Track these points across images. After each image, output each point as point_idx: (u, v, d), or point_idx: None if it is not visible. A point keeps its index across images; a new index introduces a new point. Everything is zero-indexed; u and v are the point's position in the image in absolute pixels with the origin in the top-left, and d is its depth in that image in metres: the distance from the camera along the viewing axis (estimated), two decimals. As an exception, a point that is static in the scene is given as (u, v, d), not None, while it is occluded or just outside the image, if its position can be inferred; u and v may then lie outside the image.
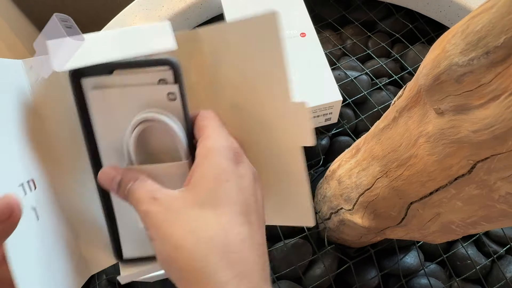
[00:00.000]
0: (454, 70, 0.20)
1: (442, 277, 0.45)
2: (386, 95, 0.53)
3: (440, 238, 0.30)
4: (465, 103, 0.20)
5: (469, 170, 0.22)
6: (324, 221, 0.44)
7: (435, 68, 0.21)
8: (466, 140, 0.20)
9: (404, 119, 0.27)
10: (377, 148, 0.31)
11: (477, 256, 0.45)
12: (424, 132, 0.24)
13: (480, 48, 0.18)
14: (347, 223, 0.39)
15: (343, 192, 0.38)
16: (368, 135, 0.34)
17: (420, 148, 0.25)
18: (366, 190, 0.33)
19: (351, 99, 0.52)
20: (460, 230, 0.27)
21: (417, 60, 0.56)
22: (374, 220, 0.34)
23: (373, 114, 0.52)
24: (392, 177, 0.29)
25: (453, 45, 0.20)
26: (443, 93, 0.21)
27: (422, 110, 0.25)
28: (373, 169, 0.32)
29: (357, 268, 0.44)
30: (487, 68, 0.18)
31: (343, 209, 0.38)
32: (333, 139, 0.51)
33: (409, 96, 0.26)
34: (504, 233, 0.46)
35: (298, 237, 0.44)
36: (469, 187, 0.23)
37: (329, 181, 0.41)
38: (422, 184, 0.26)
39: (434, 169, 0.24)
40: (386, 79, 0.55)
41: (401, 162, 0.27)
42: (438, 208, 0.27)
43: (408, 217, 0.30)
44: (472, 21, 0.18)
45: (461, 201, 0.24)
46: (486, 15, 0.17)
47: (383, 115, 0.31)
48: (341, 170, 0.38)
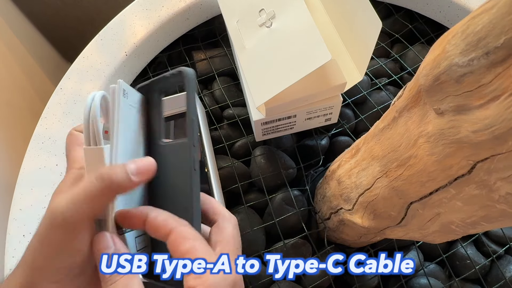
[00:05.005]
0: (454, 70, 0.20)
1: (442, 277, 0.45)
2: (385, 95, 0.53)
3: (440, 238, 0.30)
4: (465, 104, 0.20)
5: (469, 170, 0.22)
6: (324, 221, 0.44)
7: (435, 69, 0.21)
8: (466, 141, 0.20)
9: (404, 119, 0.27)
10: (377, 148, 0.31)
11: (477, 256, 0.45)
12: (424, 132, 0.24)
13: (480, 48, 0.18)
14: (347, 223, 0.39)
15: (342, 192, 0.38)
16: (368, 135, 0.34)
17: (420, 148, 0.25)
18: (366, 190, 0.33)
19: (350, 99, 0.53)
20: (460, 230, 0.27)
21: (416, 60, 0.56)
22: (374, 220, 0.34)
23: (373, 114, 0.52)
24: (392, 177, 0.29)
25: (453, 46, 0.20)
26: (443, 94, 0.21)
27: (422, 110, 0.25)
28: (373, 169, 0.32)
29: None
30: (487, 69, 0.18)
31: (343, 209, 0.38)
32: (332, 139, 0.51)
33: (409, 96, 0.26)
34: (503, 233, 0.46)
35: (298, 237, 0.44)
36: (469, 187, 0.23)
37: (329, 181, 0.41)
38: (422, 184, 0.26)
39: (434, 169, 0.24)
40: (386, 79, 0.55)
41: (401, 162, 0.28)
42: (438, 208, 0.27)
43: (408, 217, 0.30)
44: (472, 22, 0.18)
45: (461, 201, 0.24)
46: (486, 15, 0.17)
47: (383, 115, 0.31)
48: (340, 170, 0.38)
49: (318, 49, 0.36)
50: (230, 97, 0.53)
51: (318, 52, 0.36)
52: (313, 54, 0.36)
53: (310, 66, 0.36)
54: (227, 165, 0.47)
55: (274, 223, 0.44)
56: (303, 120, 0.45)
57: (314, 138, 0.50)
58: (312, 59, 0.36)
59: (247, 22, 0.42)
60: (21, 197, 0.45)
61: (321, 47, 0.36)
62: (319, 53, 0.36)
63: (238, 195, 0.46)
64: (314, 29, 0.37)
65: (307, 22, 0.38)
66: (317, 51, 0.36)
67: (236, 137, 0.50)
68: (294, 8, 0.40)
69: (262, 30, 0.41)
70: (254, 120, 0.43)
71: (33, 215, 0.44)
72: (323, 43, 0.36)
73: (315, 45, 0.36)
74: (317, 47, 0.36)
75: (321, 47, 0.36)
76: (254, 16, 0.42)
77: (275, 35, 0.40)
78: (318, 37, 0.37)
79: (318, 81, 0.40)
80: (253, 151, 0.48)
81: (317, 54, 0.36)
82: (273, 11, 0.41)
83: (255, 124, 0.43)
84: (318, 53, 0.36)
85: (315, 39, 0.37)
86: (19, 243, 0.43)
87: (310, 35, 0.37)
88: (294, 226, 0.45)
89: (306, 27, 0.38)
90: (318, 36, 0.37)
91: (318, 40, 0.36)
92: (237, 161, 0.48)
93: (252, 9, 0.42)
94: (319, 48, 0.36)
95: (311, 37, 0.37)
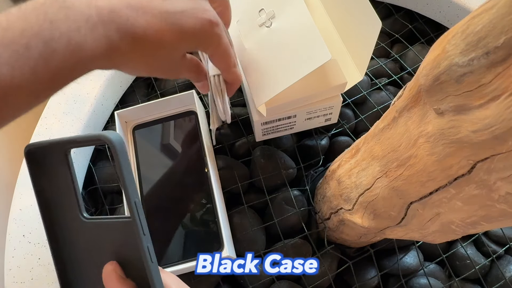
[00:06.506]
0: (454, 70, 0.20)
1: (442, 277, 0.45)
2: (385, 95, 0.53)
3: (440, 238, 0.30)
4: (465, 103, 0.20)
5: (469, 170, 0.22)
6: (324, 221, 0.44)
7: (435, 69, 0.21)
8: (466, 140, 0.20)
9: (404, 119, 0.27)
10: (377, 148, 0.31)
11: (477, 256, 0.45)
12: (424, 132, 0.24)
13: (480, 48, 0.18)
14: (347, 223, 0.39)
15: (342, 192, 0.38)
16: (367, 135, 0.34)
17: (420, 148, 0.25)
18: (366, 190, 0.33)
19: (350, 99, 0.53)
20: (460, 230, 0.27)
21: (416, 60, 0.56)
22: (373, 220, 0.34)
23: (373, 114, 0.52)
24: (392, 177, 0.29)
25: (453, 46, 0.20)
26: (443, 93, 0.21)
27: (422, 110, 0.25)
28: (372, 169, 0.32)
29: (356, 268, 0.44)
30: (487, 69, 0.18)
31: (343, 209, 0.38)
32: (332, 139, 0.51)
33: (409, 96, 0.26)
34: (503, 233, 0.46)
35: (298, 237, 0.44)
36: (469, 187, 0.23)
37: (329, 181, 0.41)
38: (422, 184, 0.26)
39: (434, 169, 0.24)
40: (386, 79, 0.55)
41: (401, 162, 0.28)
42: (438, 208, 0.27)
43: (408, 217, 0.30)
44: (472, 22, 0.18)
45: (461, 201, 0.24)
46: (486, 15, 0.17)
47: (383, 115, 0.31)
48: (340, 170, 0.38)
49: (318, 49, 0.36)
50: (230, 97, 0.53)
51: (318, 52, 0.36)
52: (313, 54, 0.36)
53: (311, 66, 0.36)
54: (227, 165, 0.47)
55: (274, 223, 0.44)
56: (303, 120, 0.45)
57: (314, 138, 0.50)
58: (313, 58, 0.36)
59: (247, 22, 0.42)
60: (21, 197, 0.45)
61: (321, 47, 0.36)
62: (320, 52, 0.36)
63: (238, 195, 0.46)
64: (314, 29, 0.37)
65: (307, 21, 0.38)
66: (318, 50, 0.36)
67: (236, 137, 0.50)
68: (294, 8, 0.40)
69: (262, 30, 0.41)
70: (254, 120, 0.43)
71: (33, 215, 0.44)
72: (323, 43, 0.36)
73: (315, 45, 0.36)
74: (317, 46, 0.36)
75: (321, 47, 0.36)
76: (254, 16, 0.42)
77: (275, 35, 0.40)
78: (318, 36, 0.37)
79: (319, 81, 0.40)
80: (253, 151, 0.48)
81: (318, 53, 0.36)
82: (273, 11, 0.41)
83: (255, 124, 0.43)
84: (319, 52, 0.36)
85: (315, 38, 0.37)
86: (19, 243, 0.43)
87: (310, 35, 0.37)
88: (294, 226, 0.45)
89: (306, 26, 0.38)
90: (318, 36, 0.37)
91: (318, 40, 0.36)
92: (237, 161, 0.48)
93: (252, 9, 0.42)
94: (320, 47, 0.36)
95: (311, 36, 0.37)
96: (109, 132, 0.22)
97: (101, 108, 0.52)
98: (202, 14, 0.29)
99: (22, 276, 0.41)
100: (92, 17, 0.24)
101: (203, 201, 0.43)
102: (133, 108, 0.47)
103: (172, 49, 0.29)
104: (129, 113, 0.47)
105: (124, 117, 0.48)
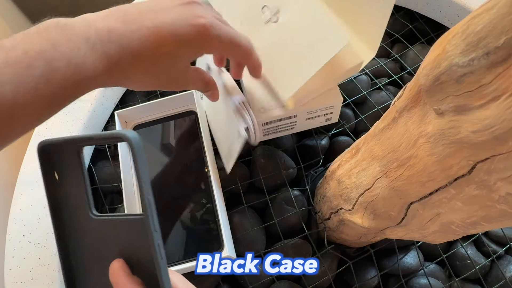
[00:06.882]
0: (454, 70, 0.20)
1: (442, 277, 0.45)
2: (385, 95, 0.53)
3: (440, 238, 0.30)
4: (465, 104, 0.20)
5: (469, 171, 0.22)
6: (324, 221, 0.44)
7: (435, 69, 0.21)
8: (466, 141, 0.20)
9: (404, 119, 0.27)
10: (377, 148, 0.31)
11: (477, 256, 0.45)
12: (424, 133, 0.24)
13: (480, 48, 0.18)
14: (347, 223, 0.39)
15: (342, 192, 0.38)
16: (368, 135, 0.34)
17: (420, 148, 0.25)
18: (366, 190, 0.33)
19: (351, 99, 0.52)
20: (460, 230, 0.27)
21: (416, 60, 0.56)
22: (374, 220, 0.34)
23: (373, 114, 0.52)
24: (392, 177, 0.29)
25: (453, 46, 0.20)
26: (443, 94, 0.21)
27: (422, 111, 0.25)
28: (373, 169, 0.32)
29: (356, 268, 0.44)
30: (488, 69, 0.18)
31: (343, 209, 0.38)
32: (332, 139, 0.51)
33: (409, 97, 0.26)
34: (503, 233, 0.46)
35: (298, 237, 0.44)
36: (469, 188, 0.23)
37: (329, 181, 0.41)
38: (422, 184, 0.26)
39: (434, 169, 0.24)
40: (386, 79, 0.55)
41: (401, 162, 0.27)
42: (438, 208, 0.27)
43: (408, 217, 0.30)
44: (473, 22, 0.18)
45: (461, 201, 0.24)
46: (487, 15, 0.17)
47: (383, 115, 0.31)
48: (340, 170, 0.38)
49: (334, 33, 0.36)
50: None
51: (335, 36, 0.36)
52: (330, 39, 0.36)
53: (331, 51, 0.36)
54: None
55: (274, 223, 0.44)
56: (304, 120, 0.45)
57: (314, 138, 0.50)
58: (331, 43, 0.36)
59: (251, 22, 0.42)
60: (21, 197, 0.45)
61: (336, 30, 0.36)
62: (337, 36, 0.36)
63: (238, 195, 0.46)
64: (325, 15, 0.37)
65: (316, 9, 0.38)
66: (334, 35, 0.36)
67: (236, 137, 0.50)
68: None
69: (269, 27, 0.41)
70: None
71: (33, 215, 0.44)
72: (338, 26, 0.36)
73: (330, 30, 0.37)
74: (332, 31, 0.37)
75: (336, 30, 0.36)
76: (257, 15, 0.42)
77: (285, 28, 0.40)
78: (331, 21, 0.37)
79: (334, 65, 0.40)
80: (253, 151, 0.48)
81: (334, 38, 0.36)
82: (276, 5, 0.40)
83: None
84: (335, 36, 0.36)
85: (328, 24, 0.37)
86: (19, 243, 0.43)
87: (322, 21, 0.38)
88: (294, 226, 0.45)
89: (316, 14, 0.38)
90: (331, 20, 0.37)
91: (332, 24, 0.37)
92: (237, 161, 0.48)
93: (254, 8, 0.42)
94: (336, 31, 0.36)
95: (323, 22, 0.37)
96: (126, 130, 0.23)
97: (101, 108, 0.52)
98: (196, 21, 0.30)
99: (22, 276, 0.41)
100: (92, 37, 0.26)
101: (203, 201, 0.43)
102: (133, 108, 0.47)
103: (173, 58, 0.30)
104: (129, 113, 0.47)
105: (124, 117, 0.48)
